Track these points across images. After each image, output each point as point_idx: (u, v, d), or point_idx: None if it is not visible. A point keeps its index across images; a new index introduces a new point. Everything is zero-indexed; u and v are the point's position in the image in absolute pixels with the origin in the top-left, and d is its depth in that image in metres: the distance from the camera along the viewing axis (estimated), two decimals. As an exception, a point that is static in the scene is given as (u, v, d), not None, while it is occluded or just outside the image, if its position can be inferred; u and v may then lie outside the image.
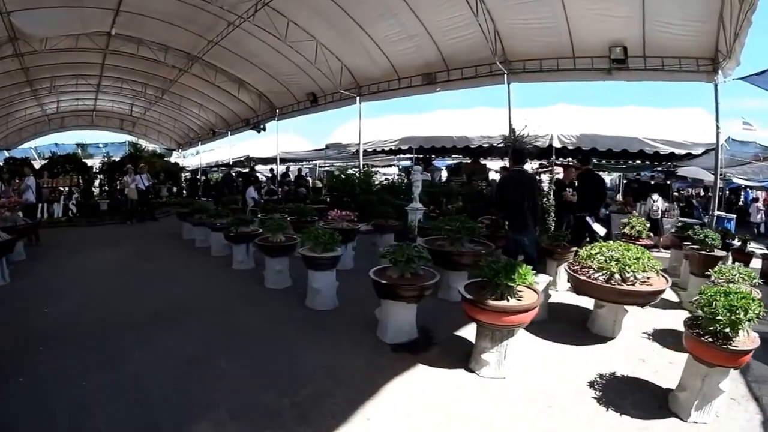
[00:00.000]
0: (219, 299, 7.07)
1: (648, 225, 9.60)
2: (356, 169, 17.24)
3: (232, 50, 18.18)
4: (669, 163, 17.48)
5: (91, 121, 31.66)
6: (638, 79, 11.49)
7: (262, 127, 23.10)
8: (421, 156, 20.09)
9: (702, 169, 17.18)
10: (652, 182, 20.82)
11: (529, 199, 6.89)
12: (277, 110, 22.33)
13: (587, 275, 5.51)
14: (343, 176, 15.97)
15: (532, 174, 7.67)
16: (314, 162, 29.66)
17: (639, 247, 5.70)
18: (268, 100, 22.36)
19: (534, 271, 4.85)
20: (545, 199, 9.80)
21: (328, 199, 16.03)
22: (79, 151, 28.86)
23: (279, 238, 7.70)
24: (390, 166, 27.79)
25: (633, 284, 5.22)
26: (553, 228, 9.10)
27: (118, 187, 17.32)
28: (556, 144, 13.41)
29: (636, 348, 5.38)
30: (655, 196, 15.02)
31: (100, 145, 32.48)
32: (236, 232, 8.82)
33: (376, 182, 18.11)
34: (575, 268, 5.84)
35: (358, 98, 17.70)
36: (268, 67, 19.20)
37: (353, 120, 18.55)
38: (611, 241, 6.37)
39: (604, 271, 5.34)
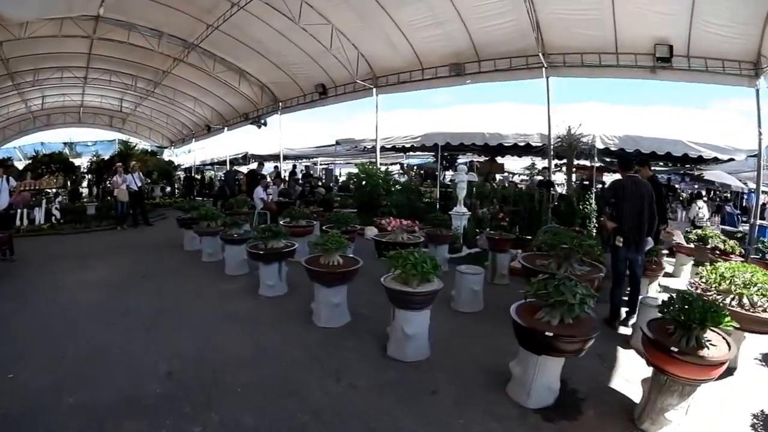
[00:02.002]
0: (258, 352, 4.82)
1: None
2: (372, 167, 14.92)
3: (234, 36, 15.96)
4: (689, 166, 16.79)
5: (78, 119, 28.87)
6: (681, 80, 10.59)
7: (262, 122, 20.83)
8: (447, 154, 18.10)
9: (726, 173, 17.18)
10: (677, 186, 19.72)
11: (648, 211, 5.69)
12: (280, 103, 20.14)
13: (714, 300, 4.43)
14: (363, 174, 13.71)
15: (647, 182, 6.14)
16: (313, 160, 27.33)
17: (759, 268, 4.82)
18: (271, 93, 20.04)
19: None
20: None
21: (338, 200, 14.00)
22: (67, 150, 26.27)
23: (336, 260, 5.52)
24: (395, 164, 25.57)
25: (765, 310, 4.31)
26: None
27: (109, 188, 14.77)
28: (599, 145, 12.33)
29: (761, 378, 4.59)
30: (701, 203, 14.09)
31: (89, 144, 29.57)
32: (266, 249, 6.58)
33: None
34: (699, 291, 4.75)
35: (374, 90, 15.76)
36: (272, 55, 16.95)
37: (362, 114, 16.69)
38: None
39: (732, 296, 4.47)
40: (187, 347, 4.87)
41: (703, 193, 20.63)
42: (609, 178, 17.58)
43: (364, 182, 13.49)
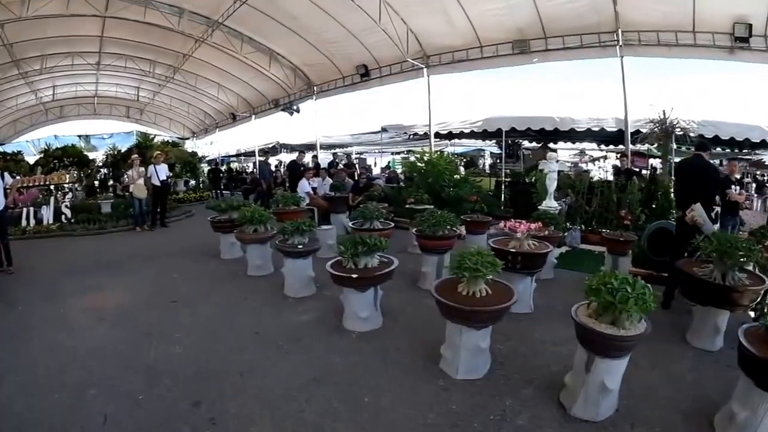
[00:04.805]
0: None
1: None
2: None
3: (264, 11, 13.90)
4: (747, 150, 16.30)
5: (93, 110, 26.94)
6: (758, 61, 9.63)
7: (295, 108, 18.67)
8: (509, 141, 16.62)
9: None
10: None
11: None
12: (315, 87, 18.04)
13: None
14: (421, 164, 11.65)
15: None
16: (347, 150, 25.36)
17: None
18: (304, 76, 17.91)
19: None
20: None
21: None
22: (82, 143, 24.55)
23: (482, 290, 3.65)
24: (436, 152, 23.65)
25: None
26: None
27: (126, 183, 12.77)
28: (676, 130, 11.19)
29: None
30: (774, 189, 12.51)
31: (105, 136, 27.66)
32: (357, 268, 4.52)
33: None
34: None
35: (425, 70, 13.84)
36: (308, 32, 14.83)
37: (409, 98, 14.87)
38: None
39: None
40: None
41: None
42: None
43: (423, 171, 11.41)
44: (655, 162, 20.78)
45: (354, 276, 4.37)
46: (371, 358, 4.12)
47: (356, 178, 14.06)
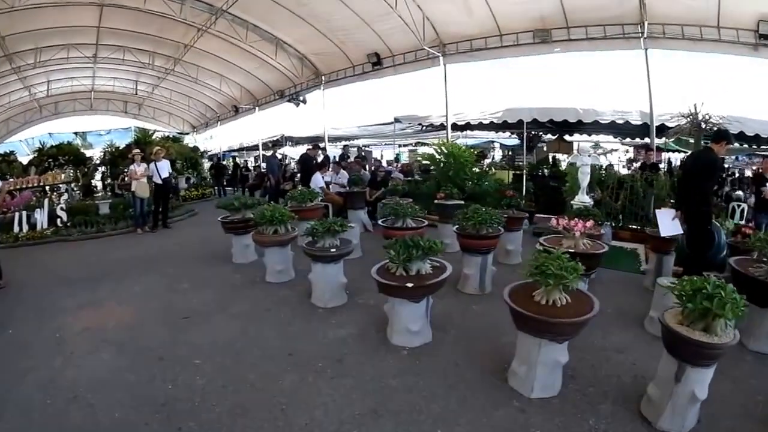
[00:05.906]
0: None
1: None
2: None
3: (272, -3, 13.22)
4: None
5: (90, 105, 26.20)
6: None
7: (301, 99, 18.11)
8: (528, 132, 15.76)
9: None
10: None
11: None
12: (323, 77, 17.49)
13: None
14: (440, 156, 11.02)
15: None
16: (354, 141, 24.79)
17: None
18: (312, 65, 17.32)
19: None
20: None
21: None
22: (78, 140, 23.82)
23: (562, 299, 3.33)
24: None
25: None
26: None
27: (125, 183, 12.10)
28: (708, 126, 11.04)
29: None
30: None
31: (102, 133, 26.90)
32: (408, 276, 3.95)
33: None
34: None
35: (441, 58, 13.44)
36: (317, 20, 14.20)
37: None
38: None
39: None
40: None
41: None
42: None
43: (443, 164, 10.83)
44: (669, 155, 20.58)
45: (410, 285, 3.78)
46: (431, 379, 3.60)
47: (371, 171, 13.45)
